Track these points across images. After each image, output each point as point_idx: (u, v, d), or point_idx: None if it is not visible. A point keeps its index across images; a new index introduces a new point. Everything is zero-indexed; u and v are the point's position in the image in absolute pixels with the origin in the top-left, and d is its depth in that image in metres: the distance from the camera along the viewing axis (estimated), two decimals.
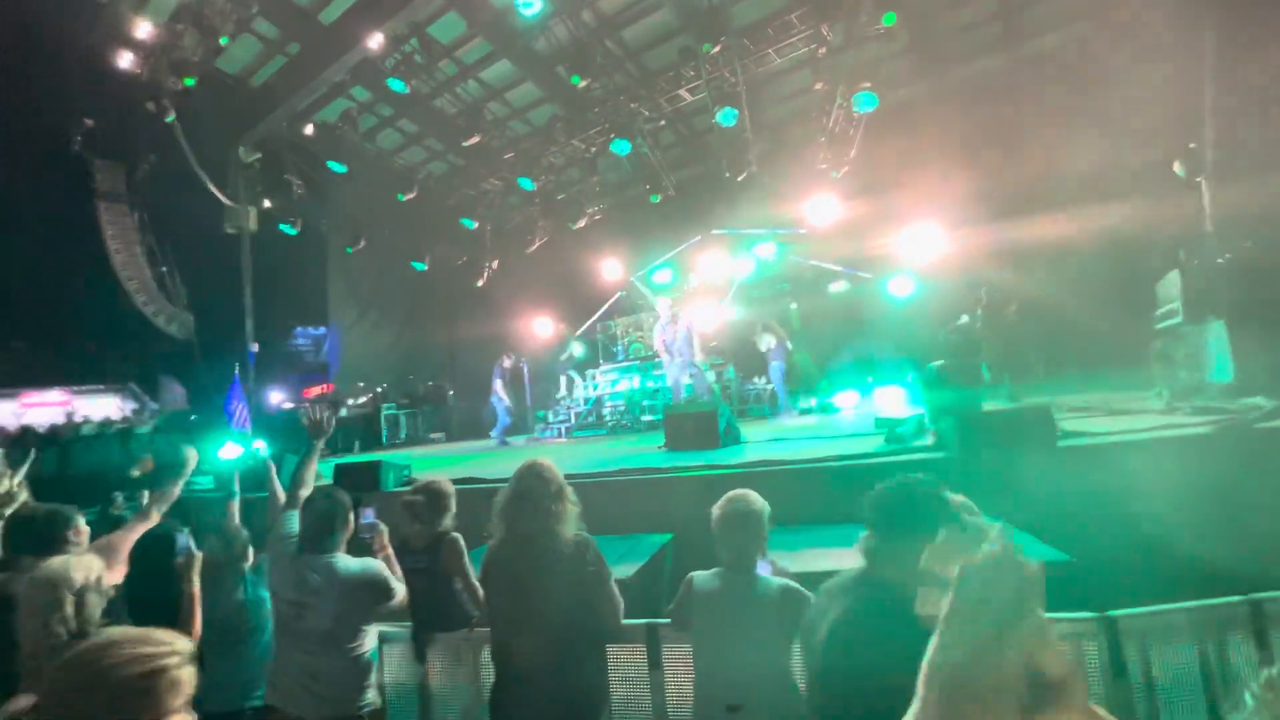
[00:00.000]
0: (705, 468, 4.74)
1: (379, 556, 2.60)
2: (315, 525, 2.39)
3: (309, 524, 2.41)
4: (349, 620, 2.30)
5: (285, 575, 2.36)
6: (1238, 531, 2.99)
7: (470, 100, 11.29)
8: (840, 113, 9.79)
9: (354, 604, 2.32)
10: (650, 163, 11.65)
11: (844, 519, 3.91)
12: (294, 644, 2.30)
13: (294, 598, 2.30)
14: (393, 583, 2.42)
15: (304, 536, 2.42)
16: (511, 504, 2.19)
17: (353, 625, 2.31)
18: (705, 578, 2.15)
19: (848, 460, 4.44)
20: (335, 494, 2.48)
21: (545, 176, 12.85)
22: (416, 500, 2.76)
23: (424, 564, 2.69)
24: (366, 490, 5.12)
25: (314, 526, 2.39)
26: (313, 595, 2.28)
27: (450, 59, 10.38)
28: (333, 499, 2.45)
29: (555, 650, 2.03)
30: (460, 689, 2.68)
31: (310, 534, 2.40)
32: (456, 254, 15.15)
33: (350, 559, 2.40)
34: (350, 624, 2.31)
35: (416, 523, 2.75)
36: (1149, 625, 2.12)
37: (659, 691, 2.41)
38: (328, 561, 2.34)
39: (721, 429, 5.98)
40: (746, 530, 2.09)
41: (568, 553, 2.10)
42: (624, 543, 3.89)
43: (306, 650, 2.27)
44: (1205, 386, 4.94)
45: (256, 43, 10.15)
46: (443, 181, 14.08)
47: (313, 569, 2.32)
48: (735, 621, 2.02)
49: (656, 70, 10.71)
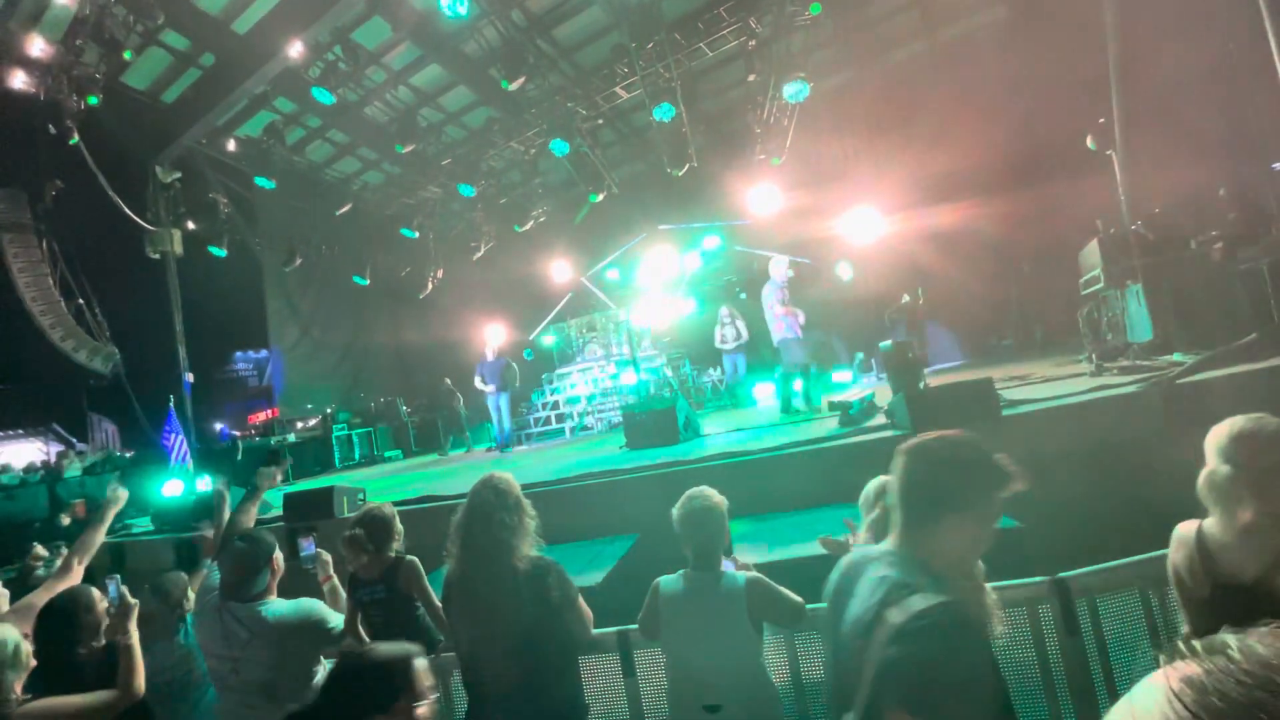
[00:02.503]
0: (667, 465, 4.75)
1: (324, 587, 2.51)
2: (233, 572, 2.25)
3: (226, 572, 2.27)
4: (287, 668, 2.17)
5: (211, 630, 2.22)
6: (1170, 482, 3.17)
7: (402, 107, 10.97)
8: (775, 103, 9.95)
9: (289, 650, 2.18)
10: (591, 162, 11.59)
11: (809, 504, 3.99)
12: (236, 700, 2.17)
13: (223, 652, 2.18)
14: (330, 618, 2.31)
15: (223, 586, 2.27)
16: (467, 521, 2.12)
17: (292, 672, 2.18)
18: (670, 580, 2.14)
19: (807, 445, 4.52)
20: (254, 536, 2.36)
21: (485, 181, 12.62)
22: (357, 534, 2.59)
23: (381, 594, 2.57)
24: (320, 518, 4.93)
25: (232, 573, 2.25)
26: (242, 648, 2.15)
27: (378, 65, 10.05)
28: (251, 540, 2.32)
29: (524, 670, 1.97)
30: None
31: (230, 582, 2.25)
32: (399, 265, 14.75)
33: (280, 602, 2.27)
34: (289, 671, 2.17)
35: (363, 555, 2.60)
36: (1096, 582, 2.22)
37: (634, 699, 2.38)
38: (253, 610, 2.20)
39: (681, 424, 6.00)
40: (707, 526, 2.08)
41: (527, 571, 2.04)
42: (590, 548, 3.86)
43: (248, 704, 2.14)
44: (1129, 347, 5.24)
45: (166, 55, 9.58)
46: (379, 192, 13.67)
47: (238, 619, 2.19)
48: (704, 621, 2.02)
49: (591, 69, 10.64)
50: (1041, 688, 2.19)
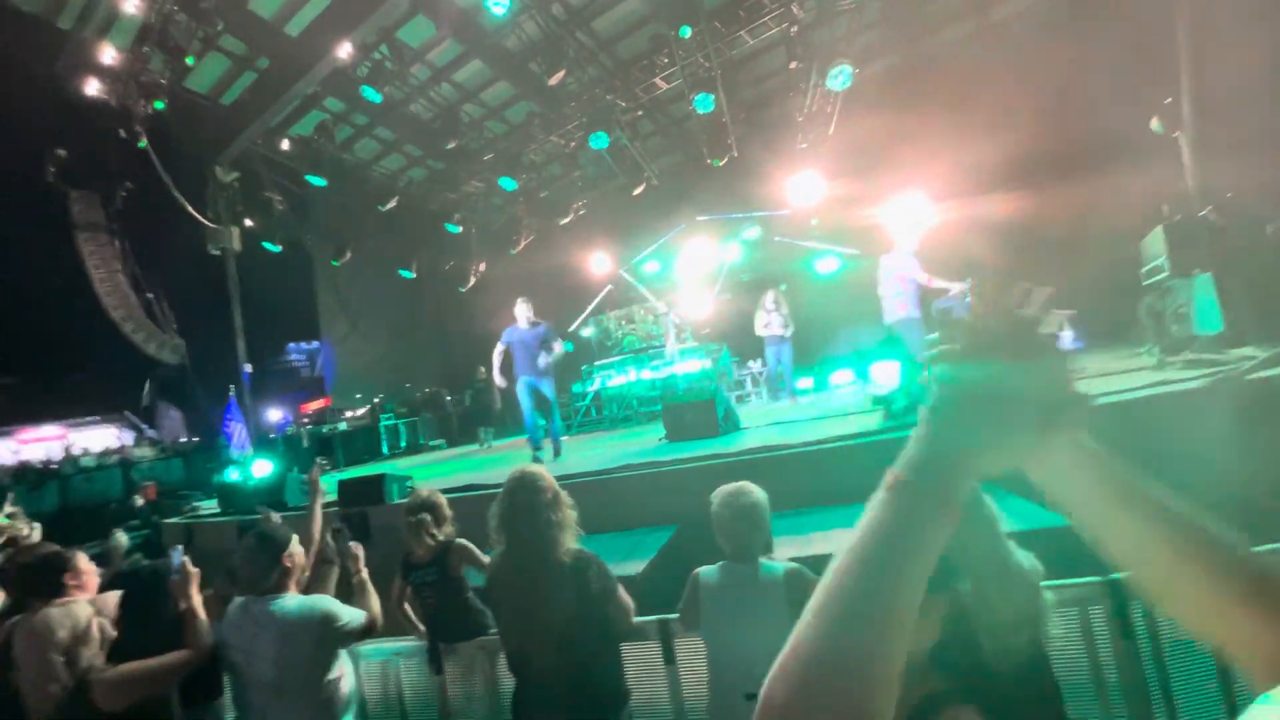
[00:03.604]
0: (707, 458, 4.75)
1: (353, 581, 2.48)
2: (243, 568, 2.25)
3: (239, 567, 2.26)
4: (292, 666, 2.12)
5: (230, 623, 2.23)
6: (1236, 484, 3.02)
7: (445, 103, 11.19)
8: (817, 91, 9.75)
9: (293, 648, 2.12)
10: (630, 154, 11.60)
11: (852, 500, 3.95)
12: (253, 695, 2.19)
13: (237, 645, 2.18)
14: (340, 615, 2.22)
15: (239, 581, 2.28)
16: (511, 516, 2.19)
17: (298, 671, 2.13)
18: (709, 571, 2.16)
19: (848, 440, 4.46)
20: (266, 532, 2.30)
21: (527, 175, 12.78)
22: (424, 518, 2.76)
23: (434, 576, 2.70)
24: (372, 504, 5.13)
25: (243, 569, 2.25)
26: (251, 643, 2.15)
27: (422, 63, 10.27)
28: (261, 536, 2.27)
29: (566, 658, 2.04)
30: (478, 698, 2.69)
31: (243, 577, 2.25)
32: (443, 259, 15.08)
33: (291, 598, 2.22)
34: (295, 670, 2.12)
35: (427, 539, 2.75)
36: None
37: (675, 685, 2.43)
38: (264, 604, 2.18)
39: (720, 416, 5.99)
40: (747, 521, 2.10)
41: (570, 565, 2.11)
42: (630, 538, 3.91)
43: (263, 702, 2.16)
44: (1195, 340, 4.97)
45: (224, 60, 10.02)
46: (423, 187, 13.99)
47: (250, 615, 2.18)
48: (745, 610, 2.04)
49: (630, 60, 10.63)
50: (1094, 692, 2.13)
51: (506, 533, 2.20)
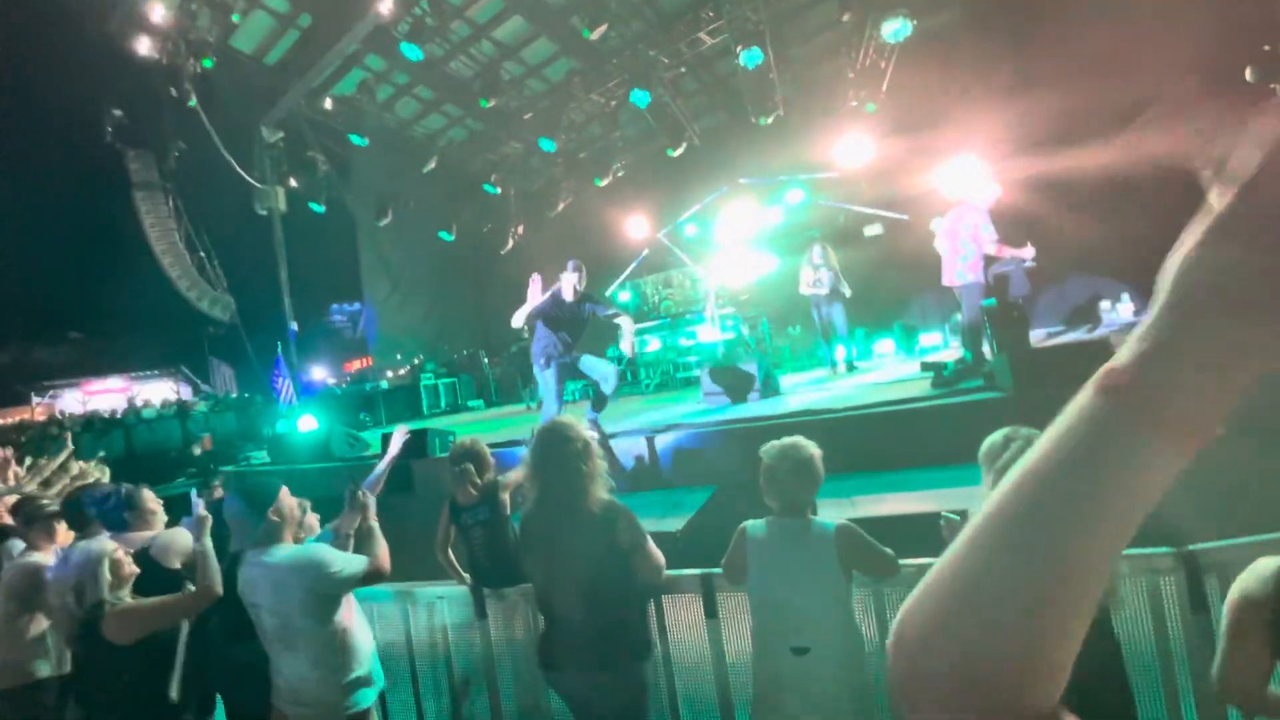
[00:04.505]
0: (747, 420, 4.70)
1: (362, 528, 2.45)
2: (232, 523, 2.29)
3: (229, 523, 2.31)
4: (287, 614, 2.14)
5: (241, 578, 2.24)
6: None
7: (485, 61, 11.05)
8: (870, 45, 9.27)
9: (284, 595, 2.13)
10: (672, 112, 11.29)
11: (896, 466, 3.85)
12: (269, 648, 2.24)
13: (248, 599, 2.21)
14: (332, 562, 2.18)
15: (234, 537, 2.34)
16: (542, 466, 2.21)
17: (293, 618, 2.14)
18: (757, 525, 2.13)
19: (896, 405, 4.34)
20: (251, 485, 2.32)
21: (566, 135, 12.59)
22: (468, 467, 2.86)
23: (485, 515, 2.77)
24: (416, 458, 5.25)
25: (234, 525, 2.29)
26: (254, 594, 2.18)
27: (462, 19, 10.12)
28: (247, 490, 2.29)
29: (590, 605, 2.09)
30: (516, 644, 2.75)
31: (233, 532, 2.30)
32: (481, 221, 15.11)
33: (284, 548, 2.23)
34: (290, 618, 2.14)
35: (471, 487, 2.85)
36: (1231, 558, 2.01)
37: (717, 640, 2.42)
38: (259, 556, 2.20)
39: (760, 381, 5.91)
40: (800, 475, 2.04)
41: (599, 515, 2.12)
42: (671, 496, 3.91)
43: (277, 655, 2.22)
44: None
45: (268, 18, 10.05)
46: (463, 148, 13.95)
47: (252, 566, 2.21)
48: (794, 564, 2.00)
49: (674, 13, 10.25)
50: (1158, 664, 2.04)
51: (539, 483, 2.22)
